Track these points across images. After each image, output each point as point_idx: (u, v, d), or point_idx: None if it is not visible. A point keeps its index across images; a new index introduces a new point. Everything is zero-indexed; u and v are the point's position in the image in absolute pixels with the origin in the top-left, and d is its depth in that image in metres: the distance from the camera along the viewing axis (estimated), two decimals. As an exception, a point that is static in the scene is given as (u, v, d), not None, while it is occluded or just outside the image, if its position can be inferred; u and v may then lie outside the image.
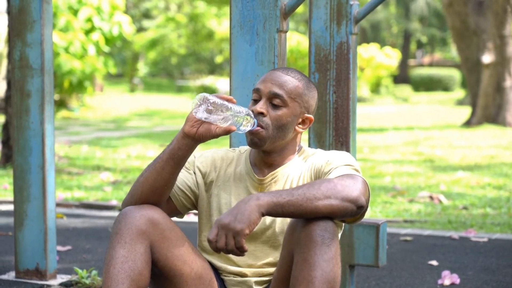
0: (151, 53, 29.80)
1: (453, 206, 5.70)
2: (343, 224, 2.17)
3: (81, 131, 13.47)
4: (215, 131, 2.07)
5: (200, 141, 2.09)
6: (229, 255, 2.17)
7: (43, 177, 3.28)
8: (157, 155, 2.14)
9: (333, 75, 2.99)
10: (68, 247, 4.20)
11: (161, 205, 2.16)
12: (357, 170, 2.09)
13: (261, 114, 2.14)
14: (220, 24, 27.90)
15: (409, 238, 4.55)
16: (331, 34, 2.99)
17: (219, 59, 29.15)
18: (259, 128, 2.13)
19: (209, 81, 25.38)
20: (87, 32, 15.92)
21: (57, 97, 16.89)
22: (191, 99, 23.32)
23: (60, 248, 4.09)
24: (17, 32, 3.30)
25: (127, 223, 2.05)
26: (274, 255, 2.18)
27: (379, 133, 12.79)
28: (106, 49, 16.51)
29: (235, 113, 2.06)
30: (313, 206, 1.93)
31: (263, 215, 1.92)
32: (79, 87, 16.31)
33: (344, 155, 2.14)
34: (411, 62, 35.91)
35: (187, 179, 2.23)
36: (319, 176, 2.13)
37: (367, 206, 2.03)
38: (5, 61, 12.39)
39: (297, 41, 20.39)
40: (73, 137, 11.94)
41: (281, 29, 2.59)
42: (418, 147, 10.32)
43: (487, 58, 13.69)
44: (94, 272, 3.29)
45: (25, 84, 3.29)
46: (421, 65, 34.99)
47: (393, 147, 10.37)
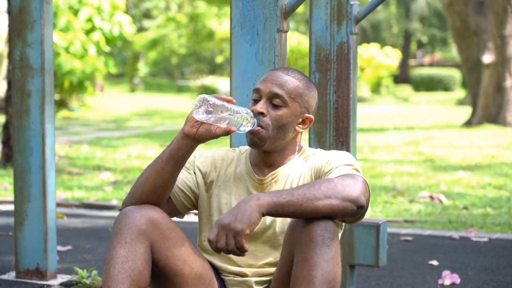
0: (151, 53, 29.81)
1: (453, 206, 5.70)
2: (344, 224, 2.17)
3: (82, 131, 13.46)
4: (215, 131, 2.07)
5: (200, 142, 2.08)
6: (230, 255, 2.17)
7: (43, 177, 3.28)
8: (158, 155, 2.14)
9: (333, 75, 2.99)
10: (68, 247, 4.20)
11: (162, 205, 2.16)
12: (357, 170, 2.09)
13: (261, 114, 2.14)
14: (220, 24, 27.90)
15: (409, 238, 4.54)
16: (332, 34, 2.99)
17: (219, 59, 29.16)
18: (259, 128, 2.13)
19: (210, 81, 25.36)
20: (88, 32, 15.92)
21: (57, 97, 16.88)
22: (191, 99, 23.31)
23: (60, 248, 4.09)
24: (17, 32, 3.30)
25: (127, 223, 2.05)
26: (274, 255, 2.18)
27: (380, 133, 12.78)
28: (106, 49, 16.50)
29: (235, 114, 2.05)
30: (314, 206, 1.93)
31: (264, 215, 1.92)
32: (79, 87, 16.31)
33: (344, 155, 2.14)
34: (412, 62, 35.90)
35: (187, 179, 2.23)
36: (319, 176, 2.13)
37: (368, 206, 2.03)
38: (6, 61, 12.38)
39: (297, 41, 20.38)
40: (73, 137, 11.94)
41: (281, 29, 2.59)
42: (418, 147, 10.32)
43: (488, 58, 13.69)
44: (94, 272, 3.29)
45: (25, 84, 3.29)
46: (422, 65, 34.99)
47: (394, 147, 10.37)
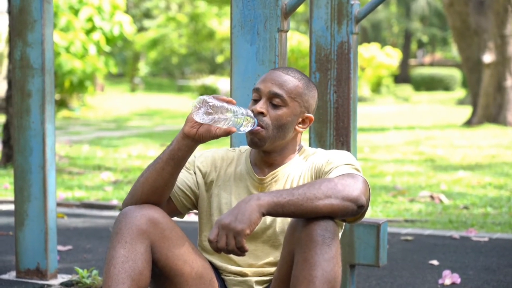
0: (151, 53, 29.81)
1: (454, 205, 5.70)
2: (344, 223, 2.17)
3: (82, 130, 13.46)
4: (215, 132, 2.07)
5: (200, 142, 2.08)
6: (230, 255, 2.17)
7: (43, 177, 3.28)
8: (158, 154, 2.14)
9: (333, 75, 2.99)
10: (68, 247, 4.20)
11: (162, 205, 2.16)
12: (357, 169, 2.09)
13: (261, 113, 2.14)
14: (220, 23, 27.90)
15: (409, 237, 4.54)
16: (332, 33, 2.99)
17: (220, 59, 29.16)
18: (259, 128, 2.13)
19: (210, 80, 25.36)
20: (88, 31, 15.92)
21: (57, 97, 16.88)
22: (192, 98, 23.31)
23: (60, 247, 4.09)
24: (17, 32, 3.30)
25: (127, 223, 2.05)
26: (274, 255, 2.18)
27: (380, 133, 12.78)
28: (107, 48, 16.50)
29: (235, 114, 2.05)
30: (314, 205, 1.93)
31: (264, 215, 1.92)
32: (79, 87, 16.31)
33: (344, 155, 2.14)
34: (412, 61, 35.89)
35: (187, 179, 2.23)
36: (319, 175, 2.13)
37: (368, 205, 2.03)
38: (6, 61, 12.37)
39: (298, 40, 20.39)
40: (73, 137, 11.94)
41: (282, 28, 2.59)
42: (419, 147, 10.31)
43: (488, 57, 13.68)
44: (94, 271, 3.29)
45: (25, 84, 3.29)
46: (422, 65, 34.99)
47: (394, 147, 10.37)
